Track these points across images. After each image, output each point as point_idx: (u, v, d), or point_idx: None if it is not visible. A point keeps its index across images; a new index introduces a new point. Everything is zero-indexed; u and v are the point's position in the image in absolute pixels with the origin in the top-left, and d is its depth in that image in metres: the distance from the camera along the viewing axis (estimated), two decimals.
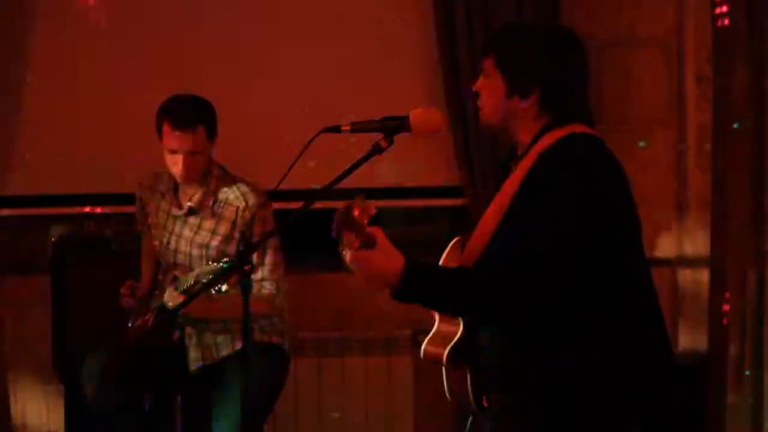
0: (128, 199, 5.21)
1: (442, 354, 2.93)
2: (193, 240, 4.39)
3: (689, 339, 5.41)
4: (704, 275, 5.31)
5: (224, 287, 3.75)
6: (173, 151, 4.27)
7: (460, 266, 2.89)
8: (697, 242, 5.43)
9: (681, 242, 5.48)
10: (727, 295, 5.14)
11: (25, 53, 5.29)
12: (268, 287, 4.34)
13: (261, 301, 4.33)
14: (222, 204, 4.38)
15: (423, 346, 3.01)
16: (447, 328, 2.96)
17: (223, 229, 4.36)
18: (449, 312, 2.93)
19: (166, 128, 4.26)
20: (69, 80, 5.30)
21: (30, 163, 5.32)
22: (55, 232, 5.17)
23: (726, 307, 5.15)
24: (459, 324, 2.94)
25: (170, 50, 5.30)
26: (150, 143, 4.66)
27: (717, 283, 5.20)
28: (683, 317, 5.43)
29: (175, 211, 4.44)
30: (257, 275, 4.29)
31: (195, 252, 4.39)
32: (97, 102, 5.30)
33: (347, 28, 5.35)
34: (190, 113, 4.25)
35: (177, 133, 4.24)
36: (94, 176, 5.32)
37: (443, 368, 3.02)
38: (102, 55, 5.29)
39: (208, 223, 4.38)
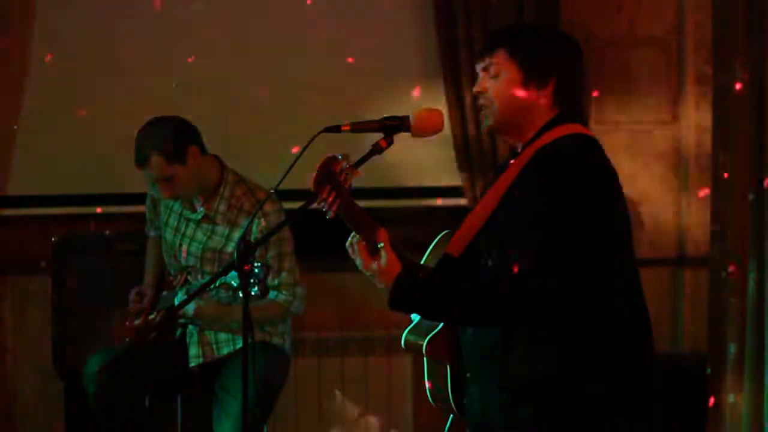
0: (128, 199, 5.23)
1: (422, 344, 2.95)
2: (206, 244, 4.40)
3: (689, 339, 5.41)
4: (704, 275, 5.31)
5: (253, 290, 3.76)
6: None
7: (444, 274, 2.92)
8: (697, 242, 5.43)
9: (681, 242, 5.48)
10: (728, 294, 5.15)
11: (25, 54, 5.29)
12: (284, 294, 4.36)
13: (277, 307, 4.35)
14: (236, 211, 4.38)
15: (404, 335, 3.04)
16: None
17: (237, 235, 4.36)
18: (441, 321, 2.97)
19: None
20: (69, 80, 5.29)
21: (30, 163, 5.32)
22: (55, 233, 5.16)
23: (726, 308, 5.15)
24: None
25: (171, 50, 5.30)
26: None
27: (717, 283, 5.20)
28: (683, 317, 5.43)
29: (189, 214, 4.45)
30: (274, 282, 4.30)
31: (207, 255, 4.39)
32: (98, 102, 5.30)
33: (347, 27, 5.35)
34: (139, 149, 4.31)
35: (139, 169, 4.33)
36: (95, 176, 5.32)
37: (425, 363, 3.03)
38: (102, 55, 5.28)
39: (222, 229, 4.38)
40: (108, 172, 5.28)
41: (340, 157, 2.79)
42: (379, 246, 2.87)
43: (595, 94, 5.33)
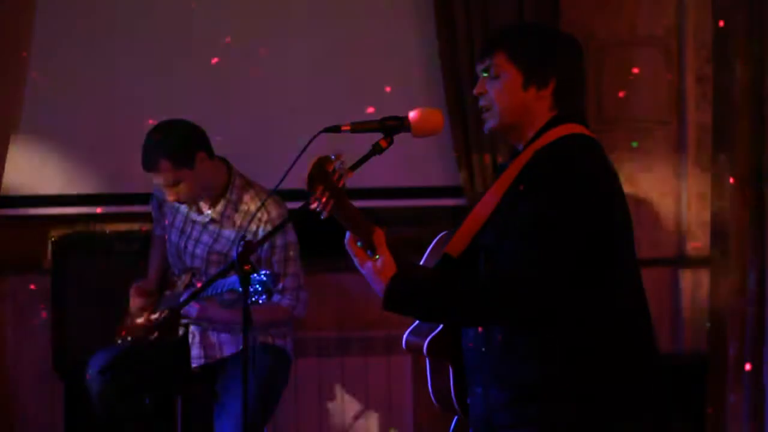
0: (128, 199, 5.23)
1: (423, 344, 2.95)
2: (212, 247, 4.40)
3: (689, 339, 5.41)
4: (704, 275, 5.31)
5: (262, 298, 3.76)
6: None
7: (442, 274, 2.92)
8: (697, 242, 5.43)
9: (681, 242, 5.48)
10: (728, 294, 5.15)
11: (25, 53, 5.28)
12: (288, 298, 4.36)
13: (280, 311, 4.35)
14: (243, 214, 4.38)
15: (405, 336, 3.04)
16: None
17: None
18: (436, 322, 2.97)
19: None
20: (69, 80, 5.29)
21: (30, 163, 5.32)
22: (55, 232, 5.16)
23: (726, 308, 5.15)
24: None
25: (170, 49, 5.29)
26: None
27: (717, 284, 5.20)
28: (683, 317, 5.43)
29: (195, 216, 4.45)
30: (278, 286, 4.30)
31: (213, 258, 4.40)
32: (97, 102, 5.29)
33: (347, 27, 5.35)
34: (148, 154, 4.30)
35: (147, 173, 4.32)
36: (94, 176, 5.32)
37: (427, 364, 3.03)
38: (102, 55, 5.28)
39: (228, 233, 4.39)
40: (108, 172, 5.28)
41: (333, 157, 2.78)
42: (374, 246, 2.86)
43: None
